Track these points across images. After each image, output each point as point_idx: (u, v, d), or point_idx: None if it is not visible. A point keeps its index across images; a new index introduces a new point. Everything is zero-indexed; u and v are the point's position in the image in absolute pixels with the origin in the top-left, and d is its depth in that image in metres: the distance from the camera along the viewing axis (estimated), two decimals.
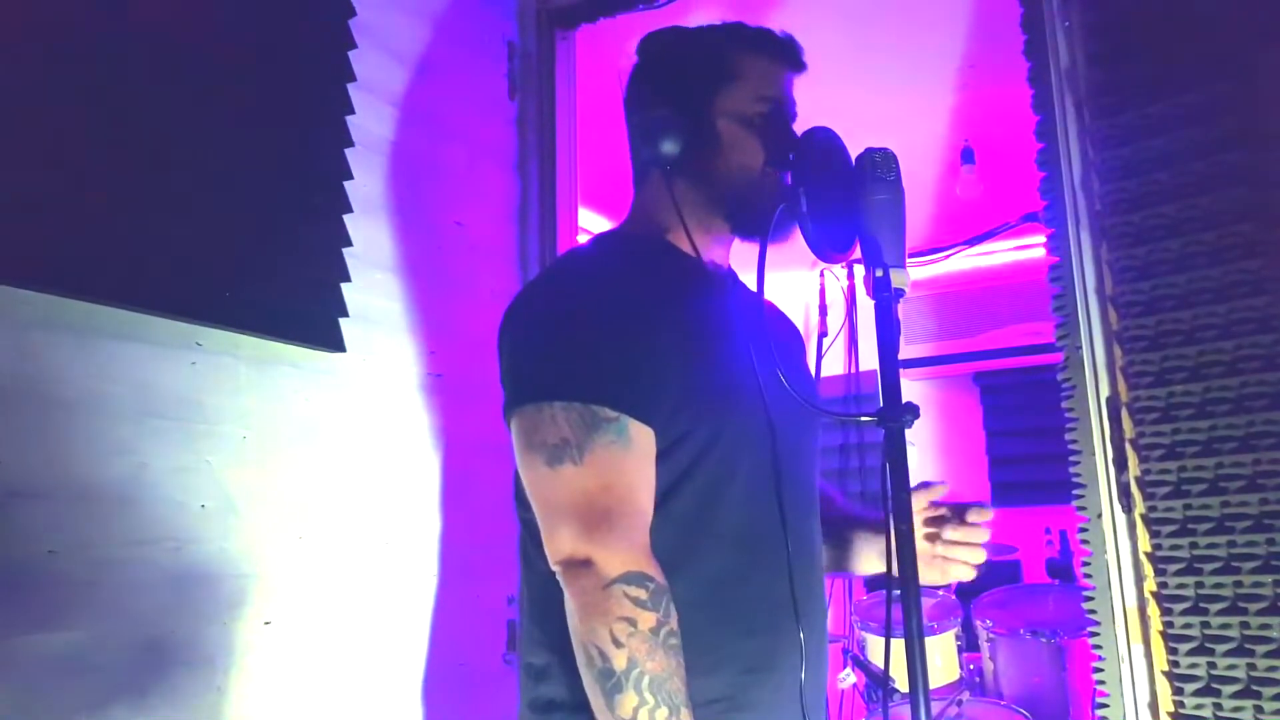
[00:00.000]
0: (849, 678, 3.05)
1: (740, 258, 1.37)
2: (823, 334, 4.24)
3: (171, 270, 1.36)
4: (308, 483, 1.56)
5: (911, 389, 4.74)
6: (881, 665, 1.20)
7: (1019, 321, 4.41)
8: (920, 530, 1.29)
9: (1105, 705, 1.52)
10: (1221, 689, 1.40)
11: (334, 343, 1.60)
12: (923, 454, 4.77)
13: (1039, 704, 2.81)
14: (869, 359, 4.33)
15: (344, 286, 1.62)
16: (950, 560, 1.29)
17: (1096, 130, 1.61)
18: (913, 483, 1.03)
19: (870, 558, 1.39)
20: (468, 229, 2.02)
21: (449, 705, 1.77)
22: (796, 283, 4.28)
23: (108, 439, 1.28)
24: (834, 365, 4.30)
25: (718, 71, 1.26)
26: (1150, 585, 1.49)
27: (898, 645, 0.93)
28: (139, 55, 1.35)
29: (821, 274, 4.31)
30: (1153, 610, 1.48)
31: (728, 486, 1.15)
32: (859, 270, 1.07)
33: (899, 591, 0.95)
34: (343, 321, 1.61)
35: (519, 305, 1.23)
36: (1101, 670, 1.53)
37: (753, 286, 1.23)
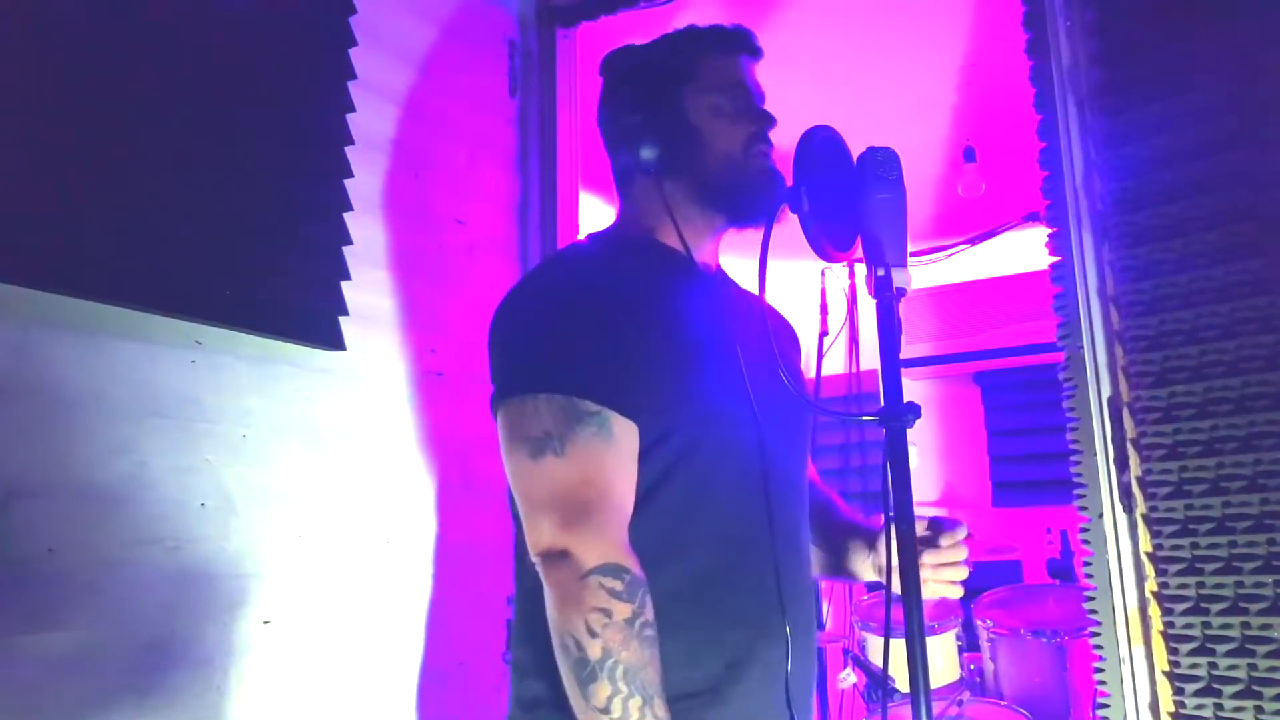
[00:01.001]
0: (849, 678, 3.04)
1: (741, 254, 1.37)
2: (823, 333, 4.23)
3: (171, 269, 1.36)
4: (308, 482, 1.56)
5: (912, 388, 4.73)
6: (882, 665, 1.20)
7: (1020, 321, 4.40)
8: None
9: (1106, 705, 1.52)
10: (1222, 689, 1.40)
11: (334, 341, 1.59)
12: (923, 454, 4.77)
13: (1040, 704, 2.80)
14: (870, 358, 4.32)
15: (344, 285, 1.62)
16: (935, 581, 1.29)
17: (1098, 129, 1.61)
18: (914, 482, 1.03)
19: (865, 568, 1.38)
20: (468, 227, 2.01)
21: (448, 705, 1.77)
22: (800, 274, 4.25)
23: (108, 438, 1.28)
24: (835, 364, 4.29)
25: (677, 74, 1.29)
26: (1151, 585, 1.49)
27: (898, 645, 0.93)
28: (139, 55, 1.35)
29: (823, 273, 4.30)
30: (1154, 610, 1.48)
31: (712, 483, 1.15)
32: (860, 269, 1.07)
33: (899, 591, 0.95)
34: (343, 320, 1.61)
35: (507, 301, 1.23)
36: (1102, 670, 1.52)
37: (746, 286, 1.23)
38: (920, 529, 1.29)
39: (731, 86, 1.28)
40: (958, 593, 1.29)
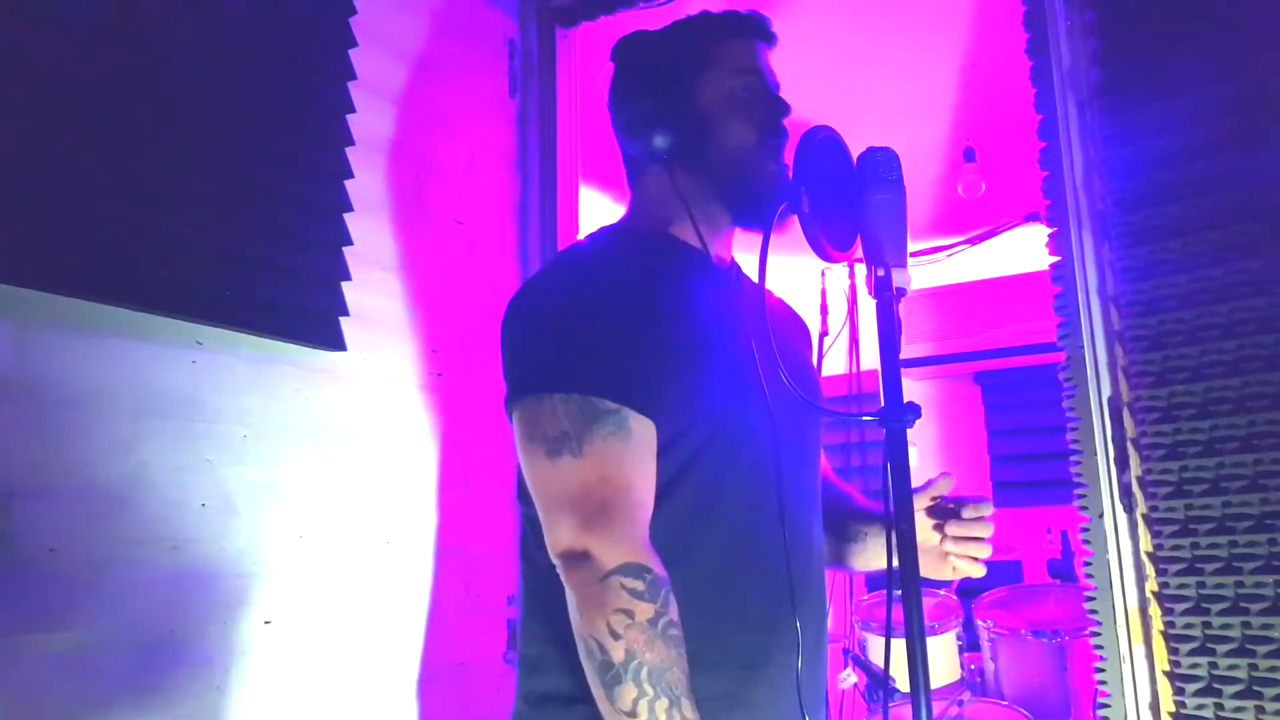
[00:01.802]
0: (849, 678, 3.05)
1: (744, 249, 1.37)
2: (824, 333, 4.22)
3: (171, 269, 1.36)
4: (308, 482, 1.56)
5: (913, 388, 4.73)
6: (882, 665, 1.20)
7: (1020, 321, 4.40)
8: (927, 525, 1.28)
9: (1106, 705, 1.52)
10: (1223, 689, 1.40)
11: (334, 342, 1.59)
12: (924, 454, 4.77)
13: (1040, 704, 2.80)
14: (870, 358, 4.32)
15: (344, 285, 1.62)
16: (957, 556, 1.28)
17: (1099, 129, 1.61)
18: (914, 483, 1.02)
19: (883, 555, 1.38)
20: (468, 227, 2.01)
21: (448, 705, 1.77)
22: (800, 274, 4.25)
23: (108, 438, 1.28)
24: (835, 364, 4.29)
25: (693, 59, 1.27)
26: (1151, 585, 1.49)
27: (898, 645, 0.93)
28: (139, 55, 1.35)
29: (823, 273, 4.30)
30: (1154, 610, 1.48)
31: (726, 483, 1.15)
32: (860, 269, 1.06)
33: (900, 591, 0.95)
34: (343, 320, 1.61)
35: (520, 299, 1.22)
36: (1103, 670, 1.52)
37: (756, 278, 1.23)
38: (936, 492, 1.29)
39: (745, 72, 1.26)
40: (980, 570, 1.28)
